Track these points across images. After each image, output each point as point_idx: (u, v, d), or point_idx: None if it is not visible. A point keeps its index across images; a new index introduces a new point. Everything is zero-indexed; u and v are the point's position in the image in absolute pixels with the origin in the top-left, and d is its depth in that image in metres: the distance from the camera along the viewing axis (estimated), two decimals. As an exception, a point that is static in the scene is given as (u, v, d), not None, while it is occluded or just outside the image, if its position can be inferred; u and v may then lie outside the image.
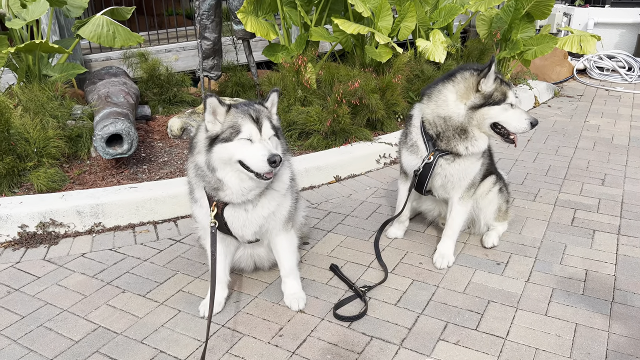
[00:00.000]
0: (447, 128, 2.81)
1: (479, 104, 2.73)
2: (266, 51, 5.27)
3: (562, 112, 5.76)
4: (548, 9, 5.59)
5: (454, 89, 2.79)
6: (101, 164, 4.03)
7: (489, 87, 2.73)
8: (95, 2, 7.15)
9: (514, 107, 2.75)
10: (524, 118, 2.74)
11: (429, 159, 2.86)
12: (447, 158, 2.86)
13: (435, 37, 5.41)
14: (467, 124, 2.76)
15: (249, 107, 2.30)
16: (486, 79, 2.71)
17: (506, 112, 2.73)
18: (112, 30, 4.73)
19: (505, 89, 2.73)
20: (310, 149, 4.48)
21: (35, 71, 4.59)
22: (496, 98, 2.72)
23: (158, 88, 5.28)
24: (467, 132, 2.78)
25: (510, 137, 2.78)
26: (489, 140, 2.84)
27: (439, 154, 2.85)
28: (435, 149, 2.85)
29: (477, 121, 2.76)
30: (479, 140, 2.80)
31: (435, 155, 2.85)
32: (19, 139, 3.73)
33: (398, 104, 4.87)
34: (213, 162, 2.27)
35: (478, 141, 2.80)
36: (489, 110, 2.73)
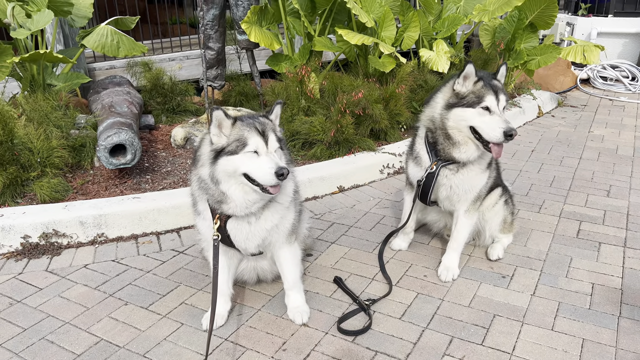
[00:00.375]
0: (435, 131, 2.80)
1: (452, 103, 2.68)
2: (270, 61, 5.28)
3: (566, 122, 5.75)
4: (552, 19, 5.59)
5: (442, 92, 2.80)
6: (104, 174, 4.03)
7: (462, 87, 2.66)
8: (100, 12, 7.19)
9: (492, 113, 2.59)
10: (498, 126, 2.56)
11: (432, 169, 2.84)
12: (450, 168, 2.84)
13: (439, 47, 5.41)
14: (446, 126, 2.72)
15: (254, 120, 2.30)
16: (459, 79, 2.66)
17: (481, 117, 2.60)
18: (117, 40, 4.75)
19: (483, 92, 2.59)
20: (313, 159, 4.47)
21: (39, 80, 4.60)
22: (470, 100, 2.62)
23: (162, 97, 5.29)
24: (450, 136, 2.74)
25: (488, 145, 2.64)
26: (478, 148, 2.71)
27: (441, 164, 2.83)
28: (437, 159, 2.83)
29: (453, 122, 2.69)
30: (463, 146, 2.73)
31: (438, 164, 2.83)
32: (22, 148, 3.72)
33: (401, 114, 4.86)
34: (217, 175, 2.26)
35: (464, 147, 2.73)
36: (461, 112, 2.65)
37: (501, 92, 2.66)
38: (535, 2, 5.44)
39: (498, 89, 2.66)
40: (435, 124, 2.80)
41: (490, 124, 2.59)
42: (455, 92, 2.70)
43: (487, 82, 2.65)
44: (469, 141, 2.72)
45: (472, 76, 2.65)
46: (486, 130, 2.60)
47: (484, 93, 2.61)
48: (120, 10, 8.15)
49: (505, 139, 2.57)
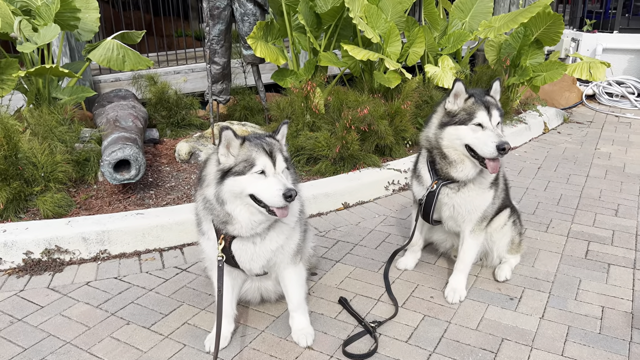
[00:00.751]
0: (432, 150, 2.79)
1: (445, 122, 2.69)
2: (275, 76, 5.28)
3: (572, 138, 5.71)
4: (557, 36, 5.58)
5: (437, 113, 2.81)
6: (108, 189, 4.01)
7: (454, 105, 2.67)
8: (106, 25, 7.23)
9: (485, 128, 2.58)
10: (491, 141, 2.54)
11: (432, 188, 2.82)
12: (451, 187, 2.81)
13: (444, 63, 5.40)
14: (440, 145, 2.72)
15: (261, 141, 2.27)
16: (450, 97, 2.67)
17: (474, 133, 2.59)
18: (122, 54, 4.75)
19: (474, 109, 2.58)
20: (318, 174, 4.44)
21: (44, 94, 4.60)
22: (462, 117, 2.62)
23: (166, 111, 5.29)
24: (445, 155, 2.73)
25: (484, 161, 2.61)
26: (476, 166, 2.69)
27: (442, 183, 2.80)
28: (437, 178, 2.81)
29: (447, 141, 2.69)
30: (460, 164, 2.71)
31: (439, 184, 2.81)
32: (26, 163, 3.71)
33: (407, 130, 4.84)
34: (223, 196, 2.23)
35: (461, 165, 2.71)
36: (454, 130, 2.65)
37: (494, 108, 2.64)
38: (541, 19, 5.44)
39: (490, 104, 2.65)
40: (431, 144, 2.81)
41: (482, 139, 2.58)
42: (447, 111, 2.71)
43: (478, 99, 2.65)
44: (465, 159, 2.71)
45: (462, 94, 2.65)
46: (479, 146, 2.59)
47: (475, 109, 2.61)
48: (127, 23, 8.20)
49: (498, 153, 2.55)
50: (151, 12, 8.24)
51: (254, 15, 4.84)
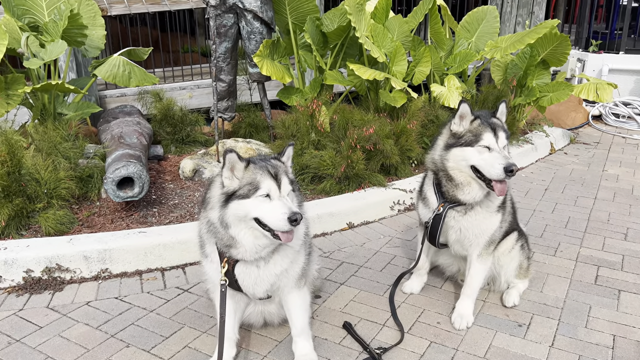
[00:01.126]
0: (438, 173, 2.76)
1: (450, 144, 2.67)
2: (281, 94, 5.27)
3: (579, 159, 5.67)
4: (564, 57, 5.57)
5: (442, 135, 2.79)
6: (111, 206, 3.97)
7: (459, 127, 2.65)
8: (113, 40, 7.27)
9: (492, 150, 2.56)
10: (498, 163, 2.52)
11: (439, 210, 2.78)
12: (458, 210, 2.77)
13: (450, 83, 5.39)
14: (446, 167, 2.69)
15: (266, 163, 2.24)
16: (455, 119, 2.66)
17: (481, 155, 2.57)
18: (128, 70, 4.76)
19: (480, 131, 2.57)
20: (323, 193, 4.40)
21: (50, 109, 4.60)
22: (468, 139, 2.60)
23: (171, 127, 5.28)
24: (452, 177, 2.70)
25: (491, 184, 2.58)
26: (482, 188, 2.65)
27: (448, 205, 2.76)
28: (444, 200, 2.77)
29: (453, 162, 2.66)
30: (466, 187, 2.68)
31: (445, 206, 2.77)
32: (29, 179, 3.69)
33: (412, 150, 4.81)
34: (227, 219, 2.19)
35: (467, 188, 2.68)
36: (460, 152, 2.63)
37: (500, 130, 2.63)
38: (548, 40, 5.43)
39: (497, 126, 2.63)
40: (437, 166, 2.78)
41: (489, 161, 2.56)
42: (452, 133, 2.70)
43: (484, 121, 2.63)
44: (472, 181, 2.67)
45: (467, 115, 2.64)
46: (486, 167, 2.56)
47: (481, 131, 2.59)
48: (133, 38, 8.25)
49: (506, 175, 2.52)
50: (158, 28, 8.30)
51: (260, 33, 4.85)
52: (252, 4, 4.64)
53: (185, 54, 8.89)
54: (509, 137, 2.71)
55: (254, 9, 4.67)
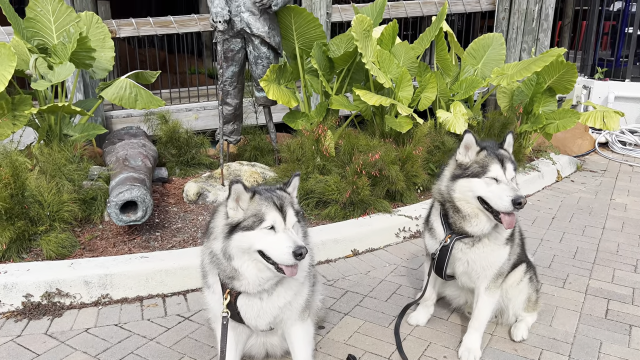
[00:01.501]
0: (445, 203, 2.73)
1: (457, 175, 2.64)
2: (286, 118, 5.27)
3: (586, 188, 5.61)
4: (571, 84, 5.56)
5: (449, 165, 2.76)
6: (113, 229, 3.94)
7: (465, 157, 2.63)
8: (121, 61, 7.33)
9: (500, 182, 2.53)
10: (506, 195, 2.47)
11: (446, 242, 2.73)
12: (465, 242, 2.73)
13: (456, 109, 5.38)
14: (452, 198, 2.65)
15: (272, 194, 2.20)
16: (460, 149, 2.64)
17: (488, 186, 2.54)
18: (135, 93, 4.78)
19: (487, 162, 2.54)
20: (327, 219, 4.36)
21: (56, 130, 4.61)
22: (474, 170, 2.57)
23: (176, 150, 5.27)
24: (458, 208, 2.66)
25: (499, 216, 2.54)
26: (490, 220, 2.61)
27: (455, 237, 2.72)
28: (451, 232, 2.73)
29: (459, 193, 2.63)
30: (474, 218, 2.63)
31: (452, 238, 2.72)
32: (32, 201, 3.66)
33: (418, 176, 4.77)
34: (231, 251, 2.15)
35: (475, 220, 2.63)
36: (467, 183, 2.60)
37: (508, 161, 2.59)
38: (554, 67, 5.43)
39: (504, 157, 2.60)
40: (443, 197, 2.75)
41: (497, 193, 2.52)
42: (458, 163, 2.67)
43: (491, 152, 2.61)
44: (480, 213, 2.63)
45: (472, 146, 2.61)
46: (494, 199, 2.53)
47: (488, 162, 2.56)
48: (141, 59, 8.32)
49: (514, 208, 2.48)
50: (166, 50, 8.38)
51: (267, 58, 4.87)
52: (260, 29, 4.68)
53: (192, 75, 8.96)
54: (516, 168, 2.68)
55: (262, 35, 4.70)
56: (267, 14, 4.71)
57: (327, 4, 6.57)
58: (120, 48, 6.99)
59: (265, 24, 4.69)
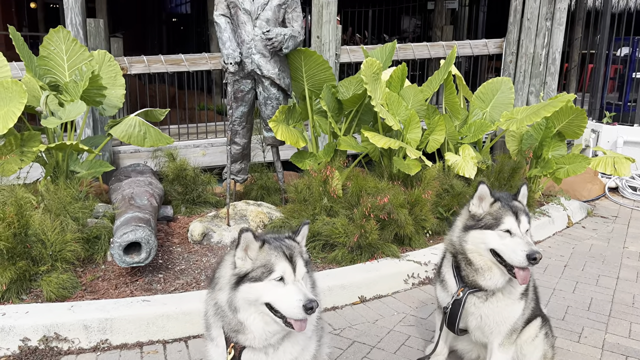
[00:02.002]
0: (457, 255, 2.66)
1: (469, 226, 2.58)
2: (294, 157, 5.25)
3: (598, 234, 5.51)
4: (580, 130, 5.54)
5: (461, 215, 2.71)
6: (116, 270, 3.86)
7: (478, 209, 2.58)
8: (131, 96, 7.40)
9: (513, 235, 2.46)
10: (521, 249, 2.41)
11: (458, 295, 2.64)
12: (479, 296, 2.64)
13: (465, 152, 5.34)
14: (465, 249, 2.59)
15: (281, 244, 2.14)
16: (474, 200, 2.60)
17: (502, 239, 2.48)
18: (144, 131, 4.78)
19: (501, 214, 2.50)
20: (334, 262, 4.26)
21: (63, 167, 4.59)
22: (487, 222, 2.52)
23: (183, 187, 5.23)
24: (471, 261, 2.58)
25: (512, 270, 2.47)
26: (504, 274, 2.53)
27: (468, 291, 2.63)
28: (464, 285, 2.64)
29: (472, 245, 2.56)
30: (487, 272, 2.56)
31: (465, 291, 2.63)
32: (35, 240, 3.60)
33: (427, 220, 4.69)
34: (237, 303, 2.07)
35: (488, 273, 2.55)
36: (479, 234, 2.54)
37: (522, 214, 2.54)
38: (564, 112, 5.42)
39: (518, 210, 2.55)
40: (455, 248, 2.69)
41: (511, 247, 2.45)
42: (471, 214, 2.62)
43: (505, 203, 2.56)
44: (493, 266, 2.56)
45: (487, 197, 2.57)
46: (507, 253, 2.46)
47: (502, 214, 2.51)
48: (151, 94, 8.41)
49: (529, 263, 2.41)
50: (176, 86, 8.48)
51: (277, 99, 4.89)
52: (270, 71, 4.71)
53: (201, 111, 9.02)
54: (530, 220, 2.62)
55: (272, 76, 4.72)
56: (278, 56, 4.75)
57: (337, 46, 6.66)
58: (130, 83, 7.07)
59: (275, 65, 4.73)
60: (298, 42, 4.75)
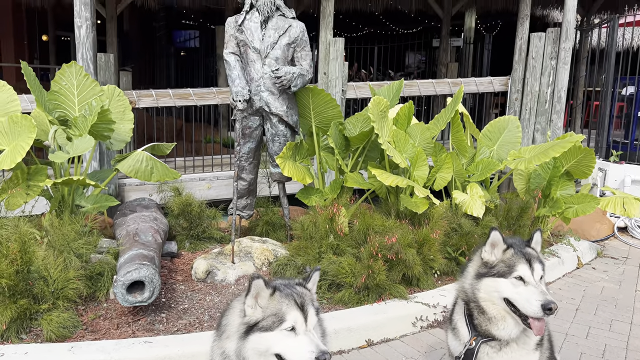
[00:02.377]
0: (469, 303, 2.57)
1: (482, 273, 2.50)
2: (300, 194, 5.22)
3: (609, 276, 5.40)
4: (589, 170, 5.50)
5: (473, 262, 2.63)
6: (118, 309, 3.78)
7: (491, 256, 2.51)
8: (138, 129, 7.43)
9: (527, 283, 2.38)
10: (535, 299, 2.32)
11: (471, 345, 2.55)
12: (492, 345, 2.54)
13: (473, 191, 5.30)
14: (477, 298, 2.50)
15: (292, 291, 2.08)
16: (486, 247, 2.52)
17: (515, 288, 2.39)
18: (151, 165, 4.78)
19: (514, 261, 2.42)
20: (340, 303, 4.17)
21: (68, 201, 4.56)
22: (500, 269, 2.44)
23: (188, 223, 5.18)
24: (484, 309, 2.50)
25: (527, 320, 2.37)
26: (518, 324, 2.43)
27: (481, 340, 2.54)
28: (476, 334, 2.55)
29: (485, 293, 2.48)
30: (501, 321, 2.46)
31: (478, 341, 2.54)
32: (37, 277, 3.54)
33: (435, 260, 4.62)
34: (245, 353, 2.00)
35: (502, 323, 2.46)
36: (492, 282, 2.45)
37: (536, 261, 2.46)
38: (572, 152, 5.40)
39: (532, 257, 2.47)
40: (468, 296, 2.60)
41: (525, 296, 2.37)
42: (484, 262, 2.55)
43: (518, 250, 2.48)
44: (507, 316, 2.47)
45: (499, 243, 2.50)
46: (521, 302, 2.38)
47: (515, 262, 2.44)
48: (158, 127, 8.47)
49: (544, 313, 2.32)
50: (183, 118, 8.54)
51: (284, 136, 4.90)
52: (279, 108, 4.73)
53: (208, 144, 9.06)
54: (544, 269, 2.55)
55: (280, 113, 4.74)
56: (286, 94, 4.78)
57: (343, 82, 6.72)
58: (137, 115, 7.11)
59: (283, 103, 4.75)
60: (306, 80, 4.79)
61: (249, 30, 4.66)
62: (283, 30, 4.69)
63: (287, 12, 4.78)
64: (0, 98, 4.48)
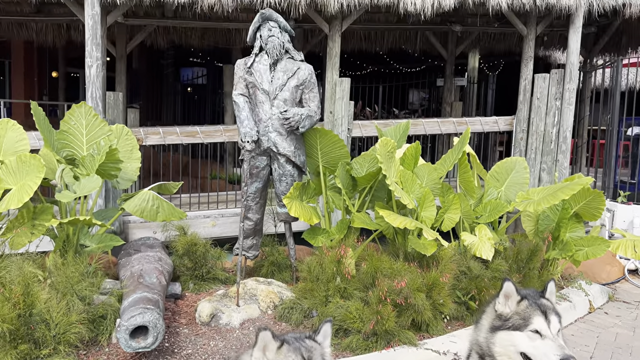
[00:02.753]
0: (484, 357, 2.47)
1: (497, 326, 2.42)
2: (307, 234, 5.17)
3: (622, 322, 5.27)
4: (598, 212, 5.45)
5: (486, 314, 2.55)
6: (120, 354, 3.68)
7: (505, 308, 2.43)
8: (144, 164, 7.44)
9: (544, 337, 2.30)
10: (553, 354, 2.24)
11: None
12: None
13: (482, 233, 5.24)
14: (493, 352, 2.40)
15: (301, 345, 2.01)
16: (500, 298, 2.44)
17: (532, 341, 2.31)
18: (157, 205, 4.75)
19: (529, 313, 2.35)
20: (348, 350, 4.06)
21: (73, 241, 4.52)
22: (515, 322, 2.36)
23: (192, 263, 5.11)
24: None
25: None
26: None
27: None
28: None
29: (500, 347, 2.39)
30: None
31: None
32: (39, 321, 3.46)
33: (445, 305, 4.51)
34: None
35: None
36: (508, 336, 2.37)
37: (551, 313, 2.39)
38: (581, 194, 5.36)
39: (547, 308, 2.40)
40: (482, 350, 2.50)
41: (542, 350, 2.28)
42: (498, 314, 2.47)
43: (532, 301, 2.41)
44: None
45: (513, 295, 2.42)
46: (539, 357, 2.29)
47: (530, 314, 2.37)
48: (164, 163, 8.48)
49: None
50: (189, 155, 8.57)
51: (291, 176, 4.89)
52: (286, 148, 4.73)
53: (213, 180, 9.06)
54: (561, 321, 2.48)
55: (288, 154, 4.74)
56: (294, 134, 4.80)
57: (349, 120, 6.78)
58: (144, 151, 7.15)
59: (291, 143, 4.76)
60: (314, 121, 4.82)
61: (258, 72, 4.72)
62: (292, 73, 4.75)
63: (296, 55, 4.85)
64: (10, 137, 4.50)
